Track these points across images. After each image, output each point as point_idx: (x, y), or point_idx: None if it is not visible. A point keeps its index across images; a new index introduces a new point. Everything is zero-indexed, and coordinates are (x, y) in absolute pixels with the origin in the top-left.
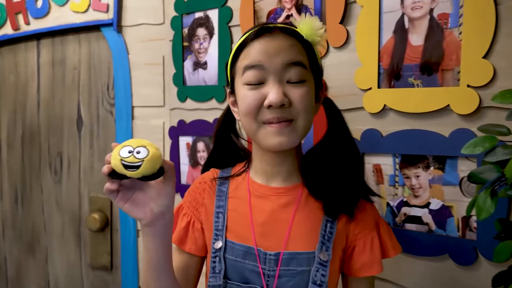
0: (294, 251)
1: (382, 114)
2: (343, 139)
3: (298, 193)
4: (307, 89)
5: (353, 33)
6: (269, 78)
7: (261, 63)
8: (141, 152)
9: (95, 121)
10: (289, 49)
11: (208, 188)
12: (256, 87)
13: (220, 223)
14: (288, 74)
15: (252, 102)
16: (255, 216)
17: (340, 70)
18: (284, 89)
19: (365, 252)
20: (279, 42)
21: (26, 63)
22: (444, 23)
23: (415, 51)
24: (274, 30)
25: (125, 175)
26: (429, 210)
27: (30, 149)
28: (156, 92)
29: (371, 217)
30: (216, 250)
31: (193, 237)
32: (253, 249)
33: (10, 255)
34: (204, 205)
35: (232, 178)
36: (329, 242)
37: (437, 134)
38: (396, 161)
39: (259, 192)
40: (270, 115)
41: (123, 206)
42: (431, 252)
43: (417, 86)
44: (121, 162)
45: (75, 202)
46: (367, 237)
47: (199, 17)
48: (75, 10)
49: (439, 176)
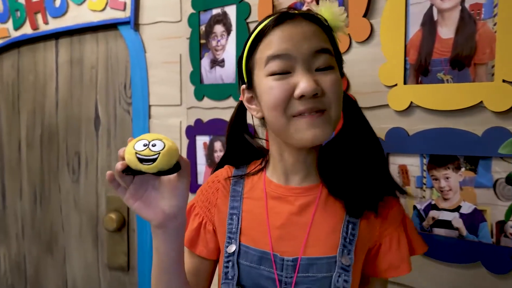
0: (313, 256)
1: (408, 111)
2: (362, 131)
3: (317, 193)
4: (337, 76)
5: (378, 27)
6: (297, 66)
7: (287, 52)
8: (157, 145)
9: (112, 121)
10: (315, 36)
11: (222, 188)
12: (283, 76)
13: (234, 225)
14: (317, 62)
15: (281, 93)
16: (272, 218)
17: (363, 66)
18: (315, 77)
19: (392, 251)
20: (303, 28)
21: (45, 62)
22: (476, 14)
23: (445, 44)
24: (296, 16)
25: (140, 170)
26: (460, 214)
27: (48, 149)
28: (173, 90)
29: (396, 213)
30: (229, 255)
31: (205, 240)
32: (269, 254)
33: (29, 254)
34: (217, 206)
35: (247, 177)
36: (351, 244)
37: (469, 133)
38: (423, 161)
39: (276, 193)
40: (301, 106)
41: (133, 205)
42: (462, 259)
43: (447, 82)
44: (136, 155)
45: (93, 201)
46: (393, 235)
47: (216, 14)
48: (92, 8)
49: (471, 177)
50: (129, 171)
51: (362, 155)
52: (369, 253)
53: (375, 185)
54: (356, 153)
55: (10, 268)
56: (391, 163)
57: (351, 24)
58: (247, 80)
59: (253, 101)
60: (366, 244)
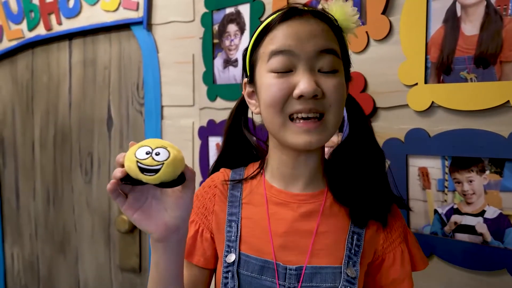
0: (317, 265)
1: (429, 112)
2: (364, 140)
3: (321, 200)
4: (341, 79)
5: (397, 24)
6: (299, 65)
7: (291, 48)
8: (160, 153)
9: (124, 121)
10: (322, 35)
11: (219, 193)
12: (284, 75)
13: (233, 233)
14: (320, 62)
15: (279, 91)
16: (274, 225)
17: (382, 65)
18: (316, 78)
19: (396, 267)
20: (310, 26)
21: (59, 63)
22: (503, 9)
23: (469, 41)
24: (305, 13)
25: (140, 180)
26: (484, 219)
27: (61, 150)
28: (185, 91)
29: (400, 227)
30: (229, 264)
31: (201, 248)
32: (272, 263)
33: (42, 255)
34: (214, 212)
35: (245, 181)
36: (356, 256)
37: (494, 134)
38: (445, 164)
39: (278, 199)
40: (299, 105)
41: (132, 216)
42: (486, 266)
43: (471, 81)
44: (137, 164)
45: (105, 202)
46: (397, 250)
47: (230, 13)
48: (105, 9)
49: (496, 181)
50: (128, 180)
51: (364, 163)
52: (370, 266)
53: (379, 195)
54: (360, 161)
55: (24, 268)
56: (410, 165)
57: (369, 21)
58: (249, 74)
59: (253, 96)
60: (369, 257)
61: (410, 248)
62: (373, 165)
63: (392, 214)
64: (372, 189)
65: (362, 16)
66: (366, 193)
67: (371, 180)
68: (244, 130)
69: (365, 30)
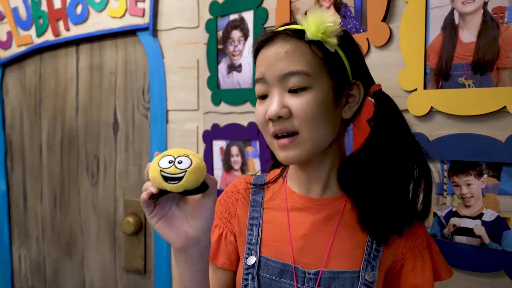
0: (335, 269)
1: (428, 117)
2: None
3: (340, 205)
4: (311, 96)
5: (397, 31)
6: (272, 89)
7: (263, 76)
8: (183, 162)
9: (130, 125)
10: (286, 57)
11: (242, 198)
12: (263, 100)
13: (254, 236)
14: (289, 83)
15: (260, 116)
16: (294, 229)
17: (382, 71)
18: (284, 99)
19: (416, 273)
20: (276, 50)
21: (66, 68)
22: (499, 17)
23: (467, 48)
24: (275, 36)
25: (164, 190)
26: (482, 221)
27: (68, 153)
28: (190, 95)
29: (422, 235)
30: (249, 267)
31: (226, 251)
32: (291, 266)
33: (49, 256)
34: (237, 216)
35: (267, 186)
36: (375, 261)
37: (491, 138)
38: (444, 167)
39: (298, 204)
40: (272, 127)
41: (155, 224)
42: (484, 268)
43: (469, 87)
44: (160, 173)
45: (111, 205)
46: (418, 257)
47: (234, 19)
48: (112, 15)
49: (494, 184)
50: (155, 196)
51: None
52: (389, 272)
53: (403, 211)
54: (389, 165)
55: (31, 270)
56: None
57: (369, 28)
58: None
59: None
60: (389, 262)
61: (434, 256)
62: (406, 172)
63: (414, 224)
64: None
65: (363, 23)
66: (387, 211)
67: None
68: None
69: (366, 36)
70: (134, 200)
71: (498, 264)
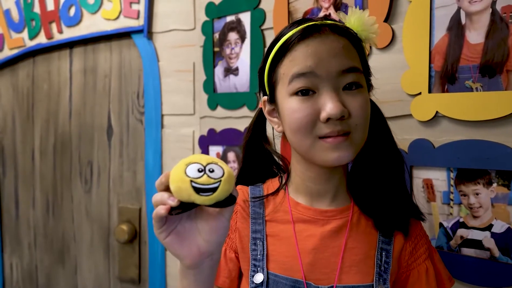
0: (349, 284)
1: (433, 122)
2: (388, 150)
3: (348, 216)
4: (366, 95)
5: (400, 32)
6: (322, 86)
7: (312, 70)
8: (215, 170)
9: (124, 130)
10: (343, 53)
11: (241, 210)
12: (307, 98)
13: (259, 251)
14: (344, 80)
15: (305, 117)
16: (302, 243)
17: (384, 74)
18: (341, 98)
19: (420, 283)
20: (330, 44)
21: (59, 71)
22: (509, 17)
23: (474, 50)
24: (323, 29)
25: (192, 203)
26: (492, 233)
27: (61, 158)
28: (186, 99)
29: (425, 244)
30: (257, 285)
31: (227, 269)
32: (302, 282)
33: (41, 264)
34: (237, 230)
35: (267, 197)
36: (386, 273)
37: (501, 145)
38: (450, 175)
39: (305, 216)
40: (327, 129)
41: (164, 239)
42: (494, 283)
43: (476, 90)
44: (191, 184)
45: (104, 212)
46: (421, 267)
47: (230, 21)
48: (106, 17)
49: (504, 194)
50: (179, 208)
51: (386, 169)
52: (395, 283)
53: (401, 201)
54: (381, 167)
55: (22, 278)
56: (415, 177)
57: None
58: (269, 93)
59: (274, 114)
60: (394, 273)
61: (436, 265)
62: (395, 170)
63: (416, 231)
64: (395, 195)
65: None
66: (390, 199)
67: (393, 186)
68: (265, 144)
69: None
70: (128, 207)
71: (509, 279)
